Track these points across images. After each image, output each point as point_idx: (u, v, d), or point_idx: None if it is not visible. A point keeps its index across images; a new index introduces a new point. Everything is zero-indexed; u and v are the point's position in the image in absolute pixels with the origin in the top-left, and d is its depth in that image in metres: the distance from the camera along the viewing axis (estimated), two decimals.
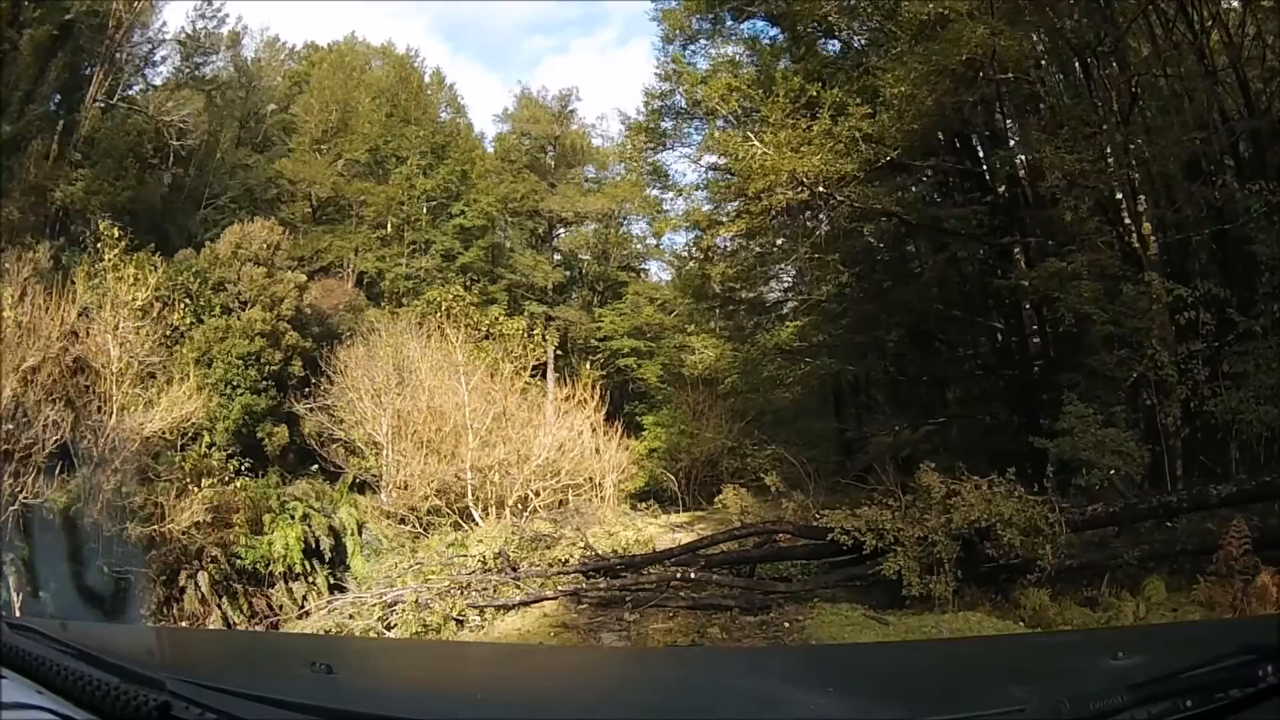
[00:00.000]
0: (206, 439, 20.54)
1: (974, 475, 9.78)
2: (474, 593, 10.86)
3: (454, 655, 4.23)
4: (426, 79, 42.30)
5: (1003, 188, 17.19)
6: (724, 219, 19.30)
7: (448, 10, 61.25)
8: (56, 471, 14.48)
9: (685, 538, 14.45)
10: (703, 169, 22.71)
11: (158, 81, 32.28)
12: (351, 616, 11.11)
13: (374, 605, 10.98)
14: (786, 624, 9.38)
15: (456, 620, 10.39)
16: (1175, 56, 14.29)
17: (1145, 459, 11.73)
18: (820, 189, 14.20)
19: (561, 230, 39.61)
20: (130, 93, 30.66)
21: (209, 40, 35.21)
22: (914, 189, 16.32)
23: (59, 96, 27.94)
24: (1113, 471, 11.05)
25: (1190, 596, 9.36)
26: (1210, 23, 14.45)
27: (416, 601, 10.62)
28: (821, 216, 16.24)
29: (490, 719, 2.19)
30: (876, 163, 14.59)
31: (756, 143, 14.33)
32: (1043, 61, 15.79)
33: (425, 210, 35.72)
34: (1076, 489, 11.01)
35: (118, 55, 29.80)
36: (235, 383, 22.70)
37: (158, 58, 32.47)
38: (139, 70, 31.81)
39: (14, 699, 1.90)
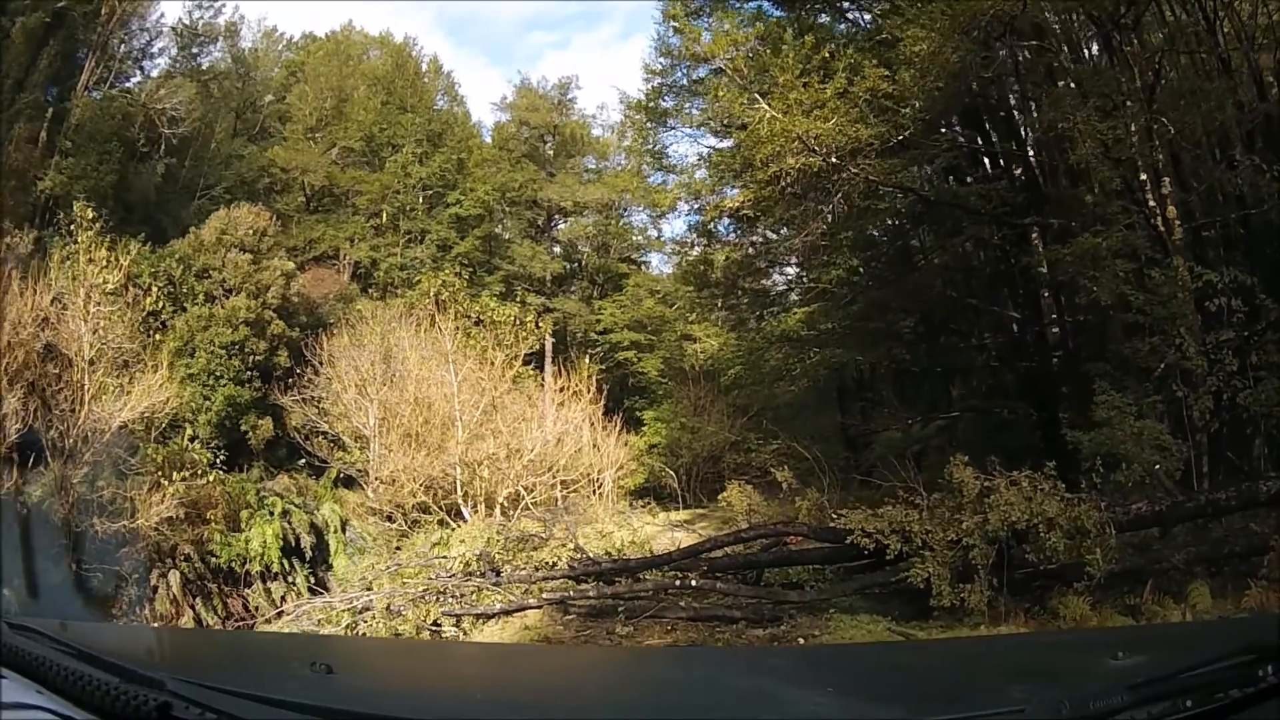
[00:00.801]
0: (188, 431, 19.83)
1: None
2: (450, 600, 9.93)
3: (454, 655, 4.39)
4: (424, 67, 41.56)
5: (1020, 170, 16.47)
6: (729, 191, 18.33)
7: (448, 8, 60.47)
8: (29, 464, 13.90)
9: (685, 538, 13.58)
10: (705, 148, 21.85)
11: (155, 74, 31.73)
12: (320, 622, 10.21)
13: (342, 611, 10.06)
14: (800, 638, 8.40)
15: (432, 629, 9.47)
16: (1194, 37, 13.50)
17: (1184, 453, 10.89)
18: (833, 159, 13.22)
19: (561, 222, 38.80)
20: (128, 85, 30.10)
21: (206, 30, 34.53)
22: (932, 165, 15.36)
23: (52, 86, 27.37)
24: (1157, 466, 10.11)
25: (1238, 603, 8.53)
26: (1222, 13, 13.77)
27: (388, 608, 9.72)
28: (831, 196, 15.21)
29: (490, 719, 2.16)
30: (893, 134, 13.65)
31: (764, 104, 13.36)
32: (1062, 31, 15.06)
33: (421, 199, 35.01)
34: (1115, 485, 10.05)
35: (110, 43, 29.24)
36: (218, 373, 21.83)
37: (155, 49, 31.92)
38: (137, 62, 31.31)
39: (14, 699, 1.91)
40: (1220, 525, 10.01)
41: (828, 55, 13.75)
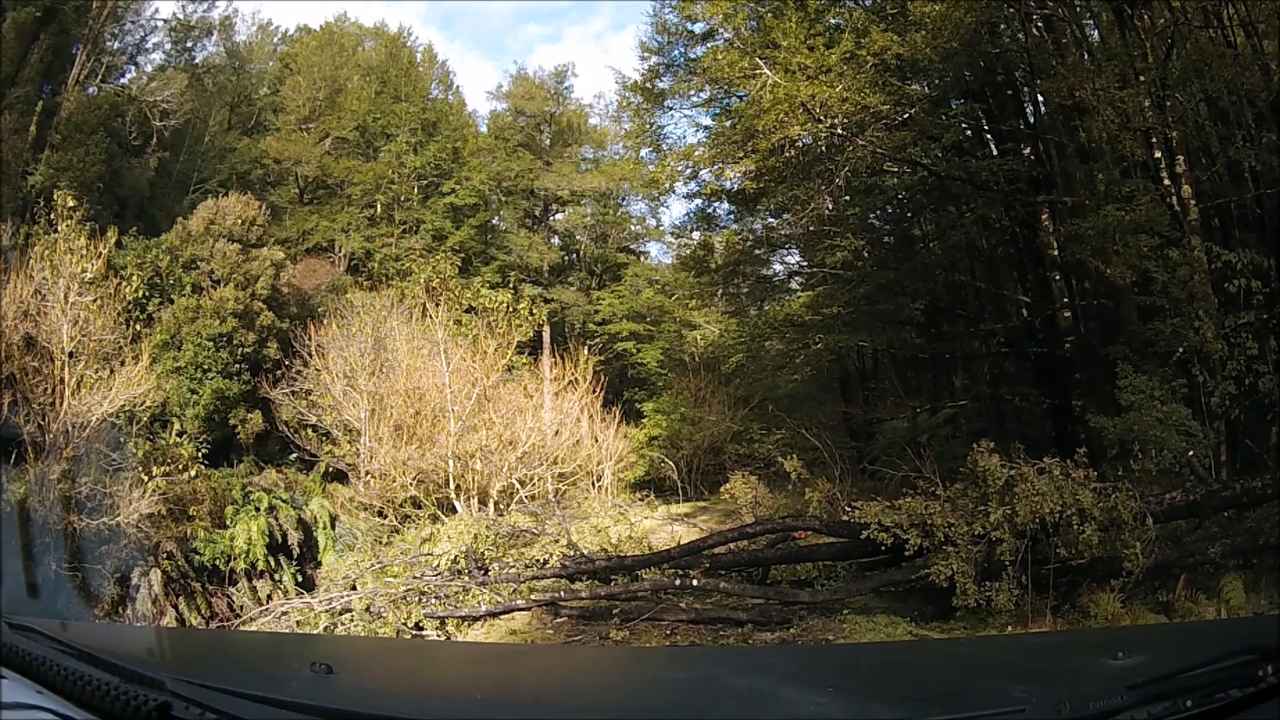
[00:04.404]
0: (176, 426, 19.41)
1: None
2: (434, 600, 9.37)
3: (454, 655, 4.35)
4: (418, 57, 41.08)
5: (1029, 149, 15.98)
6: (728, 164, 17.71)
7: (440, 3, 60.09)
8: (10, 460, 13.53)
9: (686, 533, 13.00)
10: (703, 127, 21.31)
11: (149, 69, 31.35)
12: (298, 624, 9.66)
13: (320, 613, 9.51)
14: (811, 642, 7.78)
15: (414, 631, 8.92)
16: (1199, 17, 13.05)
17: (1210, 440, 10.39)
18: (839, 130, 12.64)
19: (558, 211, 38.36)
20: (123, 82, 29.72)
21: (200, 24, 34.10)
22: (940, 141, 14.83)
23: (44, 81, 27.02)
24: (1190, 453, 9.58)
25: (1274, 599, 8.02)
26: None
27: (368, 609, 9.17)
28: (837, 171, 14.63)
29: (490, 719, 2.18)
30: (902, 109, 13.09)
31: (766, 70, 12.78)
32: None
33: (415, 189, 34.50)
34: (1139, 474, 9.50)
35: (102, 37, 28.92)
36: (205, 366, 21.27)
37: (149, 44, 31.57)
38: (131, 57, 30.95)
39: (14, 699, 1.92)
40: (1249, 516, 9.52)
41: (833, 19, 13.19)
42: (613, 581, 9.61)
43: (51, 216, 17.28)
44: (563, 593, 9.46)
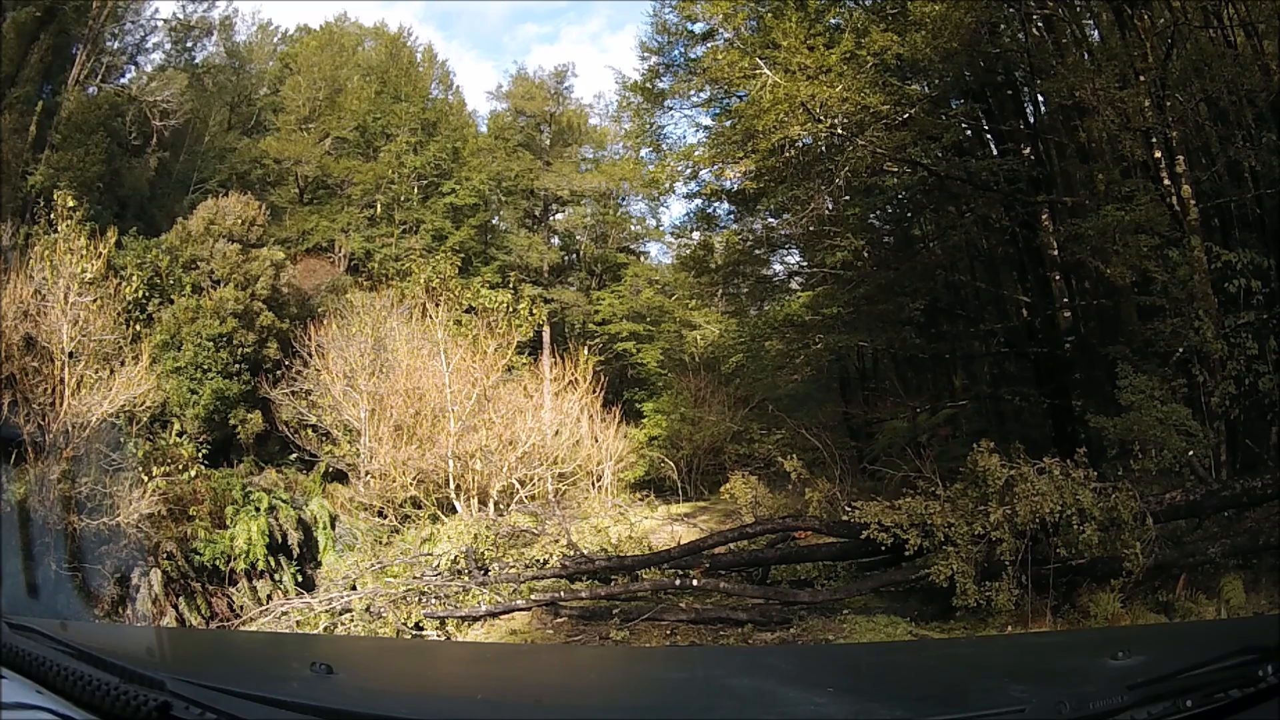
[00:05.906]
0: (176, 426, 19.40)
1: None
2: (434, 600, 9.35)
3: (454, 655, 4.39)
4: (418, 57, 41.09)
5: (1029, 149, 15.99)
6: (728, 164, 17.69)
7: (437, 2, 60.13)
8: (10, 460, 13.55)
9: (686, 533, 12.97)
10: (703, 127, 21.31)
11: (149, 69, 31.37)
12: (298, 624, 9.66)
13: (320, 613, 9.49)
14: (811, 642, 7.77)
15: (414, 631, 8.91)
16: (1199, 17, 13.05)
17: (1210, 440, 10.39)
18: (839, 130, 12.63)
19: (558, 211, 38.34)
20: (122, 82, 29.70)
21: (200, 24, 34.10)
22: (939, 141, 14.84)
23: (44, 81, 27.02)
24: (1190, 453, 9.58)
25: (1274, 598, 8.02)
26: None
27: (368, 609, 9.16)
28: (837, 171, 14.62)
29: (490, 719, 2.18)
30: (902, 109, 13.09)
31: (766, 70, 12.78)
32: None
33: (415, 189, 34.47)
34: (1138, 474, 9.49)
35: (102, 37, 28.91)
36: (205, 366, 21.26)
37: (149, 44, 31.57)
38: (130, 57, 30.92)
39: (14, 699, 1.92)
40: (1249, 516, 9.52)
41: (834, 20, 13.21)
42: (613, 581, 9.60)
43: (51, 216, 17.36)
44: (563, 593, 9.46)
